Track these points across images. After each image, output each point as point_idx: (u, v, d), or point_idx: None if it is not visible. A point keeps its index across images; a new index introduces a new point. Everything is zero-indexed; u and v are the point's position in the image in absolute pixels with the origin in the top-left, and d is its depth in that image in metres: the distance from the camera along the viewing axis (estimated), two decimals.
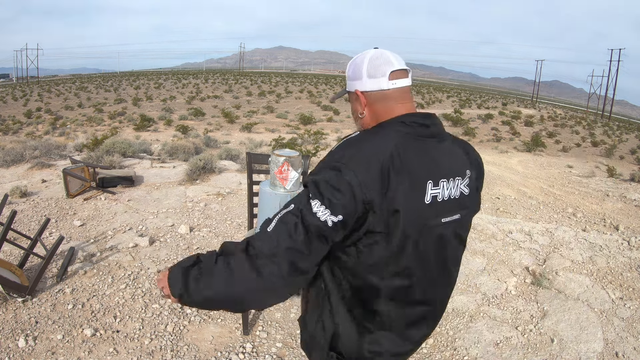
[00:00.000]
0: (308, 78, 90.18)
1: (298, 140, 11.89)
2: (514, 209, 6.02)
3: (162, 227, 3.56)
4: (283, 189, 1.45)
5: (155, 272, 2.78)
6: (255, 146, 9.92)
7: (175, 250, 3.15)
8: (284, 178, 1.45)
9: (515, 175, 9.00)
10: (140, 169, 5.35)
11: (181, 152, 6.95)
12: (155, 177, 5.07)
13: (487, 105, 44.68)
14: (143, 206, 4.04)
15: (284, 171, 1.45)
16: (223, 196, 4.47)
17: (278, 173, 1.46)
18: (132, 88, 46.46)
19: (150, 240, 3.23)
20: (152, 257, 3.01)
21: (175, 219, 3.77)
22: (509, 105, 48.60)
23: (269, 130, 16.70)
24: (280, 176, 1.46)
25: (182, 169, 5.35)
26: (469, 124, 21.36)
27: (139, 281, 2.67)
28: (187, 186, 4.76)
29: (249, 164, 2.24)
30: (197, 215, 3.89)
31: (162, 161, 6.25)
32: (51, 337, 2.10)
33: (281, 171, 1.45)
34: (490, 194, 7.04)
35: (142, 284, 2.64)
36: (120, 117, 20.30)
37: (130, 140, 7.31)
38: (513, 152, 13.64)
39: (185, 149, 7.07)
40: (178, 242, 3.29)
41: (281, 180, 1.45)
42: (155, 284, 2.64)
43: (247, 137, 13.32)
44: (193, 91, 40.45)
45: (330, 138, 14.05)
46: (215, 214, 3.95)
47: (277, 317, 2.45)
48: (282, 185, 1.45)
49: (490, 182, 7.98)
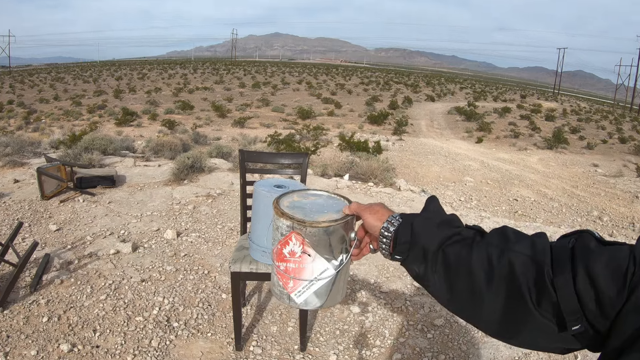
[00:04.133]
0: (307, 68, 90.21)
1: (296, 136, 11.90)
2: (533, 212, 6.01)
3: (146, 232, 3.56)
4: (287, 298, 0.83)
5: (139, 282, 2.79)
6: (249, 143, 9.92)
7: (161, 257, 3.15)
8: (289, 272, 0.81)
9: (535, 175, 8.99)
10: (122, 168, 5.35)
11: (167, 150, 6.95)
12: (139, 176, 5.06)
13: (504, 97, 44.70)
14: (125, 209, 4.03)
15: (291, 252, 0.80)
16: (213, 198, 4.46)
17: (280, 249, 0.81)
18: (113, 79, 46.47)
19: (134, 247, 3.23)
20: (136, 264, 3.01)
21: (161, 223, 3.77)
22: (528, 98, 48.64)
23: (264, 125, 16.71)
24: (284, 265, 0.81)
25: (168, 168, 5.35)
26: (484, 119, 21.37)
27: (120, 291, 2.67)
28: (173, 187, 4.76)
29: (242, 163, 2.24)
30: (184, 219, 3.89)
31: (146, 159, 6.25)
32: (24, 352, 2.10)
33: (285, 251, 0.81)
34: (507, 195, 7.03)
35: (124, 295, 2.64)
36: (100, 110, 20.31)
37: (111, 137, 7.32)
38: (533, 150, 13.64)
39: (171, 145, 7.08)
40: (164, 249, 3.29)
41: (281, 276, 0.82)
42: (138, 295, 2.64)
43: (239, 133, 13.33)
44: (180, 82, 40.45)
45: (331, 134, 14.06)
46: (204, 218, 3.95)
47: (273, 331, 2.45)
48: (282, 286, 0.83)
49: (508, 182, 7.98)
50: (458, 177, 8.34)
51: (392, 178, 6.29)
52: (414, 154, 10.90)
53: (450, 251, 0.70)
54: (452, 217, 0.75)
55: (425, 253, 0.72)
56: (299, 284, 0.81)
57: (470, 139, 15.74)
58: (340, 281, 0.85)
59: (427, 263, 0.72)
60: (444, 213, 0.77)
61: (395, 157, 9.98)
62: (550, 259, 0.61)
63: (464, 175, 8.55)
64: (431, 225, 0.74)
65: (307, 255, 0.80)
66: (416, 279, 0.76)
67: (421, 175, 8.39)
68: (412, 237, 0.74)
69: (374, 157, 7.69)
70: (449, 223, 0.74)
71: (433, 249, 0.71)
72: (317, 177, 5.88)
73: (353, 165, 6.61)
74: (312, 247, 0.79)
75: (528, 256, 0.63)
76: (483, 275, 0.66)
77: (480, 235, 0.71)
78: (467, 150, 12.43)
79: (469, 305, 0.69)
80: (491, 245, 0.67)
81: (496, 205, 6.48)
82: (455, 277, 0.69)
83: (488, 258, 0.66)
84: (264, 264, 1.90)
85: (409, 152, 11.18)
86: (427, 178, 8.19)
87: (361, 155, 7.89)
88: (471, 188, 7.54)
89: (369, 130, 16.53)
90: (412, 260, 0.75)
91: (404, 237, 0.75)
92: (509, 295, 0.63)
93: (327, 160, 8.39)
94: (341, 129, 15.79)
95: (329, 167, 6.89)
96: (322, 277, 0.81)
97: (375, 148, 9.33)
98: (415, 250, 0.74)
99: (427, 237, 0.73)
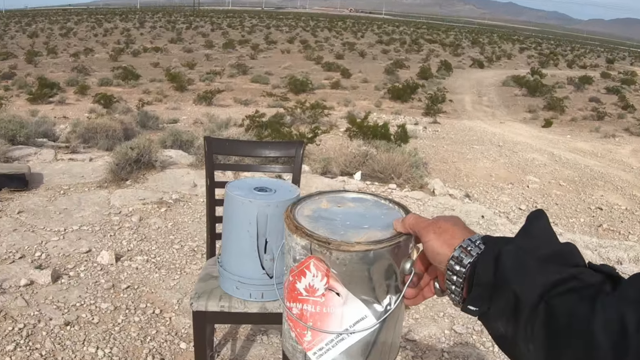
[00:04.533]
0: (301, 20, 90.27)
1: (286, 117, 11.91)
2: (625, 226, 6.02)
3: (72, 255, 3.55)
4: (302, 358, 0.79)
5: (62, 326, 2.78)
6: (219, 127, 9.93)
7: (93, 290, 3.15)
8: (305, 319, 0.77)
9: (628, 174, 9.01)
10: (38, 163, 5.35)
11: (102, 137, 6.95)
12: (62, 175, 5.06)
13: (582, 62, 44.73)
14: (42, 221, 4.03)
15: (310, 288, 0.76)
16: (168, 206, 4.46)
17: (293, 282, 0.78)
18: (25, 35, 46.48)
19: (54, 275, 3.22)
20: (57, 301, 3.01)
21: (94, 241, 3.76)
22: (618, 63, 48.63)
23: (240, 102, 16.72)
24: (299, 308, 0.78)
25: (103, 163, 5.34)
26: (554, 93, 21.39)
27: (35, 339, 2.67)
28: (111, 190, 4.76)
29: (209, 156, 2.24)
30: (127, 236, 3.88)
31: (72, 150, 6.25)
32: None
33: (301, 286, 0.77)
34: (587, 201, 7.06)
35: (40, 344, 2.63)
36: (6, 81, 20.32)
37: (22, 118, 7.32)
38: (624, 137, 13.67)
39: (108, 131, 7.08)
40: (97, 278, 3.28)
41: (294, 324, 0.79)
42: (60, 344, 2.64)
43: (205, 113, 13.34)
44: (121, 41, 40.44)
45: (336, 114, 14.07)
46: (155, 234, 3.95)
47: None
48: (295, 339, 0.79)
49: (588, 183, 7.99)
50: (517, 177, 8.34)
51: (424, 177, 6.30)
52: (454, 142, 10.90)
53: (558, 305, 0.62)
54: (567, 248, 0.68)
55: (517, 304, 0.65)
56: (320, 338, 0.76)
57: (535, 122, 15.75)
58: (387, 336, 0.79)
59: (519, 321, 0.65)
60: (555, 241, 0.69)
61: (427, 148, 9.97)
62: None
63: (526, 173, 8.56)
64: (532, 259, 0.66)
65: (334, 293, 0.74)
66: (500, 345, 0.69)
67: (464, 174, 8.40)
68: (497, 276, 0.66)
69: (397, 147, 7.69)
70: (560, 258, 0.66)
71: (532, 300, 0.63)
72: (316, 176, 5.88)
73: (367, 159, 6.61)
74: (342, 282, 0.73)
75: None
76: (610, 353, 0.57)
77: (611, 283, 0.62)
78: (530, 138, 12.44)
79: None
80: (629, 301, 0.58)
81: (572, 216, 6.48)
82: (562, 348, 0.61)
83: (622, 322, 0.57)
84: (240, 299, 1.90)
85: (447, 140, 11.19)
86: (472, 177, 8.20)
87: (379, 144, 7.89)
88: (536, 192, 7.54)
89: (390, 110, 16.55)
90: (496, 314, 0.68)
91: (485, 276, 0.67)
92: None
93: (331, 151, 8.39)
94: (350, 108, 15.81)
95: (333, 161, 6.90)
96: (357, 330, 0.76)
97: (399, 135, 9.33)
98: (502, 298, 0.66)
99: (522, 278, 0.65)
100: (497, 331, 0.68)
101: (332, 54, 35.70)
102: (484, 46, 55.40)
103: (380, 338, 0.78)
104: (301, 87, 19.26)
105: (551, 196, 7.31)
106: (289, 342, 0.80)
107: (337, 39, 52.88)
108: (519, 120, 16.16)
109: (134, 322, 2.87)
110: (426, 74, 25.80)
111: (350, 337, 0.75)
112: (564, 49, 68.68)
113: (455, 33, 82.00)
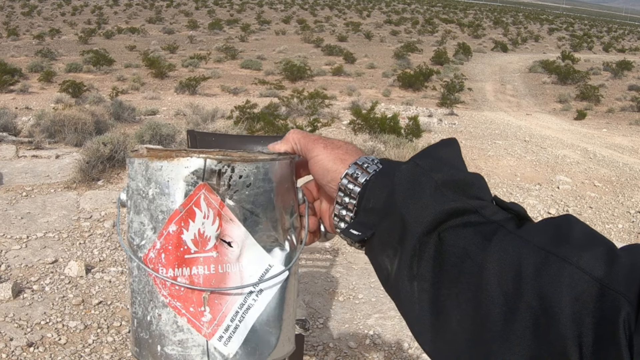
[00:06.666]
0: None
1: (281, 108, 11.91)
2: None
3: (36, 266, 3.55)
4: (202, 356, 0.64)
5: (24, 347, 2.78)
6: (204, 119, 9.92)
7: (60, 306, 3.14)
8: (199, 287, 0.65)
9: None
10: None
11: (70, 131, 6.95)
12: (24, 174, 5.06)
13: (620, 45, 44.68)
14: (2, 228, 4.02)
15: (200, 238, 0.66)
16: None
17: (174, 234, 0.66)
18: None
19: (15, 289, 3.22)
20: (18, 318, 3.00)
21: (60, 250, 3.76)
22: None
23: (229, 90, 16.70)
24: (187, 273, 0.66)
25: (72, 161, 5.34)
26: (587, 80, 21.37)
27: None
28: (81, 191, 4.75)
29: None
30: (98, 244, 3.88)
31: (36, 146, 6.25)
32: None
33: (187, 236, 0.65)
34: (626, 204, 7.05)
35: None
36: None
37: None
38: None
39: (77, 124, 7.07)
40: (65, 292, 3.28)
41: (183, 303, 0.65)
42: None
43: (188, 103, 13.31)
44: (92, 21, 40.40)
45: (339, 105, 14.05)
46: None
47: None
48: (187, 327, 0.64)
49: (627, 183, 7.99)
50: (546, 176, 8.34)
51: None
52: (474, 137, 10.89)
53: (450, 239, 0.59)
54: (473, 178, 0.65)
55: (404, 233, 0.61)
56: (223, 313, 0.64)
57: (566, 114, 15.74)
58: (295, 292, 0.73)
59: (405, 254, 0.61)
60: (462, 168, 0.67)
61: None
62: (638, 296, 0.48)
63: (556, 172, 8.55)
64: (428, 184, 0.62)
65: (226, 245, 0.65)
66: (386, 287, 0.66)
67: (485, 173, 8.39)
68: (388, 200, 0.63)
69: (408, 142, 7.68)
70: (462, 187, 0.62)
71: (420, 230, 0.60)
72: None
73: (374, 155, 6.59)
74: (239, 217, 0.65)
75: (596, 280, 0.50)
76: (501, 299, 0.54)
77: (514, 222, 0.59)
78: (561, 132, 12.43)
79: (464, 351, 0.57)
80: (530, 243, 0.55)
81: (608, 221, 6.47)
82: (450, 291, 0.58)
83: (517, 266, 0.54)
84: None
85: (466, 134, 11.18)
86: (495, 177, 8.19)
87: (388, 139, 7.89)
88: (567, 193, 7.53)
89: (400, 100, 16.54)
90: (380, 244, 0.64)
91: (376, 199, 0.65)
92: (541, 345, 0.52)
93: None
94: (355, 98, 15.79)
95: None
96: (265, 287, 0.67)
97: (410, 128, 9.33)
98: (389, 224, 0.63)
99: (412, 202, 0.61)
100: (382, 269, 0.65)
101: (333, 36, 35.66)
102: (507, 27, 55.39)
103: (289, 295, 0.70)
104: (298, 73, 19.24)
105: (585, 198, 7.30)
106: (170, 344, 0.64)
107: (339, 18, 52.87)
108: (548, 112, 16.15)
109: (107, 343, 2.87)
110: (441, 58, 25.78)
111: (258, 299, 0.66)
112: (600, 30, 68.63)
113: (474, 12, 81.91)
